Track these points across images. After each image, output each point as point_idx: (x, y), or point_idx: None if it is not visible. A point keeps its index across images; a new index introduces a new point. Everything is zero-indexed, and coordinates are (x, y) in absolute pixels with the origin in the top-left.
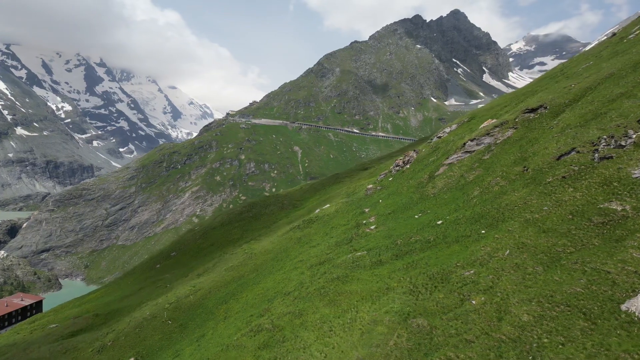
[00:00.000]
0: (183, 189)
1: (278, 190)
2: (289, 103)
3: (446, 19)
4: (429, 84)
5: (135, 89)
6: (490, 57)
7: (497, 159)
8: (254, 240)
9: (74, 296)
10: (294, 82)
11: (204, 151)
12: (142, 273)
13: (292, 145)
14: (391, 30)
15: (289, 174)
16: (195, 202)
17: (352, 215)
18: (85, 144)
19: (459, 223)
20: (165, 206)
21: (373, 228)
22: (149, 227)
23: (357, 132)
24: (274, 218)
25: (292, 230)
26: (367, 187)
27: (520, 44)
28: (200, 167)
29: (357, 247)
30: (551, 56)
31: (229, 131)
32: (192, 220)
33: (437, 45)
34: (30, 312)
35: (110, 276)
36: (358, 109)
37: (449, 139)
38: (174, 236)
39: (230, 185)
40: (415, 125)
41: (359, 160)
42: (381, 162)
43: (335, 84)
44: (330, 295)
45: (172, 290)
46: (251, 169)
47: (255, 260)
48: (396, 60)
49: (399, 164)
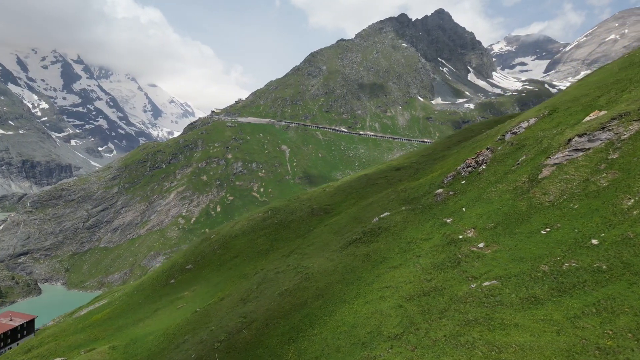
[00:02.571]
0: (168, 189)
1: (267, 191)
2: (276, 101)
3: (431, 18)
4: (415, 83)
5: (114, 86)
6: (475, 57)
7: (633, 158)
8: (297, 253)
9: (55, 302)
10: (281, 80)
11: (189, 150)
12: (154, 289)
13: (280, 144)
14: (377, 29)
15: (278, 174)
16: (181, 203)
17: (430, 227)
18: (62, 142)
19: (635, 245)
20: (149, 207)
21: (483, 246)
22: (132, 229)
23: (345, 131)
24: (306, 225)
25: (354, 244)
26: (436, 192)
27: (502, 44)
28: (185, 167)
29: (476, 274)
30: (532, 56)
31: (214, 130)
32: (178, 221)
33: (422, 44)
34: (21, 333)
35: (92, 280)
36: (346, 108)
37: (533, 135)
38: (160, 238)
39: (217, 185)
40: (403, 124)
41: (348, 160)
42: (411, 160)
43: (323, 82)
44: (483, 350)
45: (207, 318)
46: (238, 168)
47: (315, 283)
48: (383, 58)
49: (470, 164)
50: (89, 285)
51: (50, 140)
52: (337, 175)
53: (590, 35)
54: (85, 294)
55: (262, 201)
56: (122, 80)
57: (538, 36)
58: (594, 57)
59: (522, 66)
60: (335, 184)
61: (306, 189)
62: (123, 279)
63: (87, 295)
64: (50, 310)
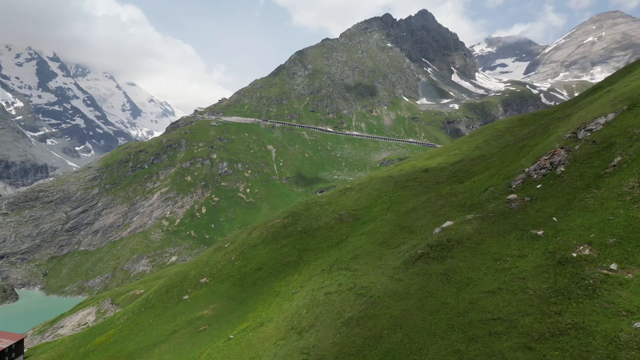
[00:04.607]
0: (151, 190)
1: (253, 191)
2: (261, 100)
3: (415, 19)
4: (400, 83)
5: (91, 85)
6: (459, 58)
7: None
8: (343, 269)
9: (34, 308)
10: (265, 79)
11: (172, 150)
12: (166, 307)
13: (266, 144)
14: (362, 29)
15: (264, 174)
16: (165, 204)
17: (517, 240)
18: (38, 142)
19: None
20: (132, 208)
21: (616, 268)
22: (114, 231)
23: (331, 131)
24: (336, 233)
25: (422, 261)
26: (508, 198)
27: (483, 46)
28: (169, 167)
29: (630, 307)
30: (512, 58)
31: (199, 129)
32: (162, 223)
33: (407, 44)
34: (9, 356)
35: (72, 285)
36: (331, 107)
37: (621, 132)
38: (143, 240)
39: (202, 186)
40: (389, 124)
41: (335, 160)
42: (437, 161)
43: (308, 81)
44: None
45: (252, 351)
46: (224, 168)
47: (387, 310)
48: (368, 58)
49: (544, 165)
50: (69, 290)
51: (26, 139)
52: (325, 175)
53: (568, 38)
54: (65, 300)
55: (248, 202)
56: (100, 78)
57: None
58: (573, 58)
59: (503, 67)
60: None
61: (294, 190)
62: (105, 284)
63: (67, 300)
64: (29, 317)
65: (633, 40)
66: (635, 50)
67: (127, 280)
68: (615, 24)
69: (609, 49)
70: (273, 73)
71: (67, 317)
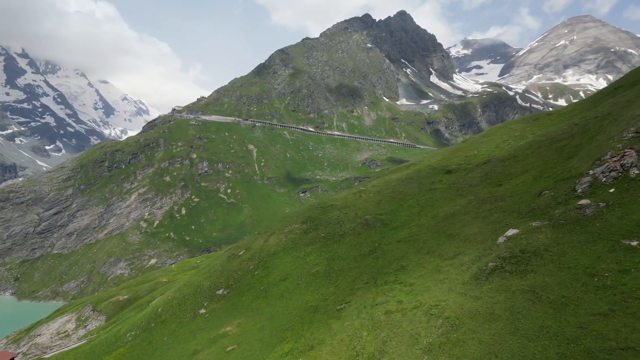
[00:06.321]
0: (128, 190)
1: (234, 192)
2: (241, 99)
3: (394, 20)
4: (380, 83)
5: (62, 82)
6: (437, 59)
7: None
8: (394, 282)
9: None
10: (245, 78)
11: (150, 149)
12: (181, 323)
13: (247, 143)
14: (342, 29)
15: (245, 174)
16: (143, 205)
17: (606, 252)
18: (6, 141)
19: None
20: (108, 210)
21: None
22: (90, 233)
23: (312, 131)
24: (366, 240)
25: (497, 275)
26: (580, 204)
27: (459, 48)
28: (147, 167)
29: None
30: (487, 60)
31: (177, 128)
32: (140, 225)
33: (386, 45)
34: None
35: (45, 289)
36: (312, 107)
37: None
38: (121, 243)
39: (182, 187)
40: (370, 124)
41: (317, 160)
42: (455, 162)
43: (289, 80)
44: None
45: None
46: (204, 168)
47: (472, 334)
48: (348, 58)
49: (613, 167)
50: (42, 295)
51: None
52: (307, 175)
53: (542, 41)
54: (39, 305)
55: (229, 203)
56: (71, 75)
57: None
58: (546, 61)
59: (478, 69)
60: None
61: (276, 190)
62: (80, 288)
63: (41, 306)
64: (0, 324)
65: (603, 44)
66: (606, 54)
67: (104, 284)
68: (586, 28)
69: (581, 52)
70: (253, 72)
71: (44, 324)
